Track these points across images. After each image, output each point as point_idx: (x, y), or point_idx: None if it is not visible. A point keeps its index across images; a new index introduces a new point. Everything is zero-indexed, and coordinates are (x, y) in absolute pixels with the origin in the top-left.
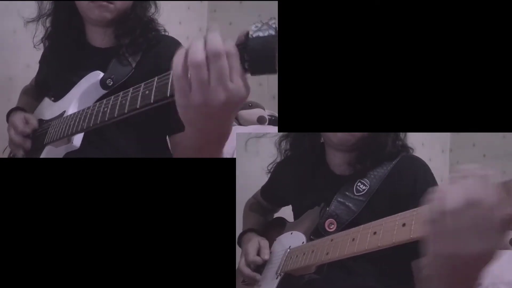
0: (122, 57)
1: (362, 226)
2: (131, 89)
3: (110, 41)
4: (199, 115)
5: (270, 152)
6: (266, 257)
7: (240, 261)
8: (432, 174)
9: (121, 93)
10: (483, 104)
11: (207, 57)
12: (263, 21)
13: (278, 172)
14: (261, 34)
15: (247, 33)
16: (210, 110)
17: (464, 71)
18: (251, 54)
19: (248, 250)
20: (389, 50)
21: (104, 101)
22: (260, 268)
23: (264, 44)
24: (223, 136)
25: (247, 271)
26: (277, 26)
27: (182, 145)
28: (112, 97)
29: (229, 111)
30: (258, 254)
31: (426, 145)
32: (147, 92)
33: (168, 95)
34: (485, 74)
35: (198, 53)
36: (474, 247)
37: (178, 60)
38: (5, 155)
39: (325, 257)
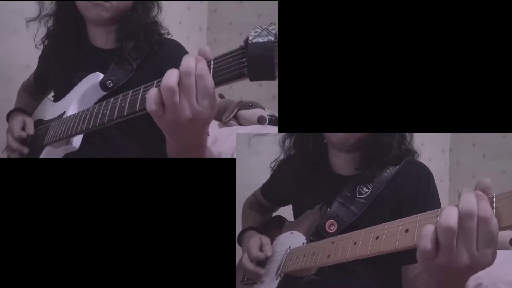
0: (124, 60)
1: (364, 229)
2: (130, 91)
3: (112, 42)
4: (172, 129)
5: (270, 151)
6: (269, 253)
7: (242, 257)
8: (434, 181)
9: (120, 95)
10: (483, 104)
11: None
12: (263, 27)
13: (279, 171)
14: (260, 39)
15: (247, 39)
16: (180, 126)
17: (464, 71)
18: (249, 60)
19: (251, 246)
20: (389, 50)
21: (104, 103)
22: (262, 264)
23: (263, 50)
24: (198, 147)
25: (250, 266)
26: (277, 31)
27: (167, 149)
28: (112, 99)
29: (198, 127)
30: (261, 250)
31: (426, 145)
32: (146, 95)
33: None
34: (485, 74)
35: (171, 78)
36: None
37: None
38: (5, 155)
39: (326, 260)
